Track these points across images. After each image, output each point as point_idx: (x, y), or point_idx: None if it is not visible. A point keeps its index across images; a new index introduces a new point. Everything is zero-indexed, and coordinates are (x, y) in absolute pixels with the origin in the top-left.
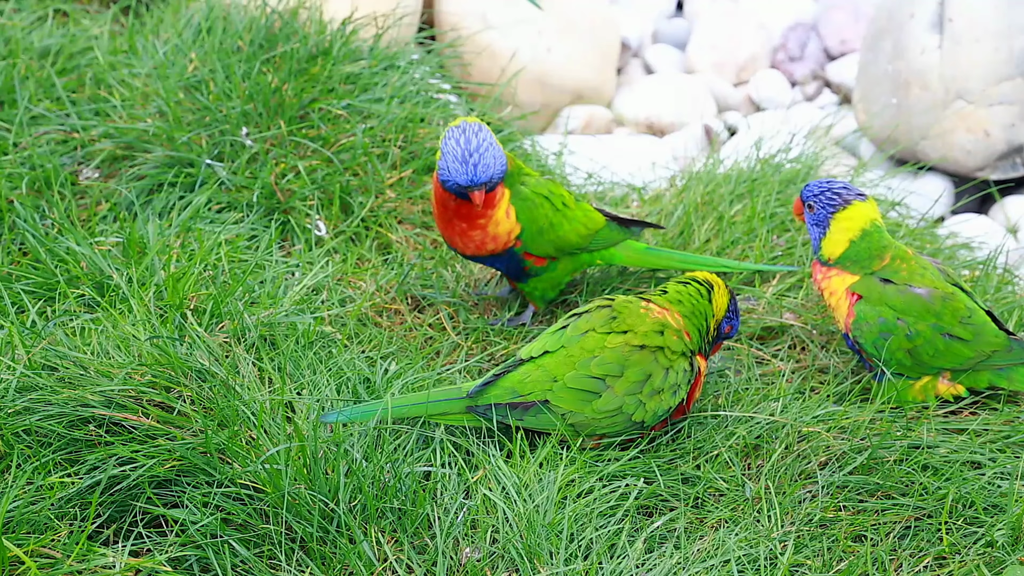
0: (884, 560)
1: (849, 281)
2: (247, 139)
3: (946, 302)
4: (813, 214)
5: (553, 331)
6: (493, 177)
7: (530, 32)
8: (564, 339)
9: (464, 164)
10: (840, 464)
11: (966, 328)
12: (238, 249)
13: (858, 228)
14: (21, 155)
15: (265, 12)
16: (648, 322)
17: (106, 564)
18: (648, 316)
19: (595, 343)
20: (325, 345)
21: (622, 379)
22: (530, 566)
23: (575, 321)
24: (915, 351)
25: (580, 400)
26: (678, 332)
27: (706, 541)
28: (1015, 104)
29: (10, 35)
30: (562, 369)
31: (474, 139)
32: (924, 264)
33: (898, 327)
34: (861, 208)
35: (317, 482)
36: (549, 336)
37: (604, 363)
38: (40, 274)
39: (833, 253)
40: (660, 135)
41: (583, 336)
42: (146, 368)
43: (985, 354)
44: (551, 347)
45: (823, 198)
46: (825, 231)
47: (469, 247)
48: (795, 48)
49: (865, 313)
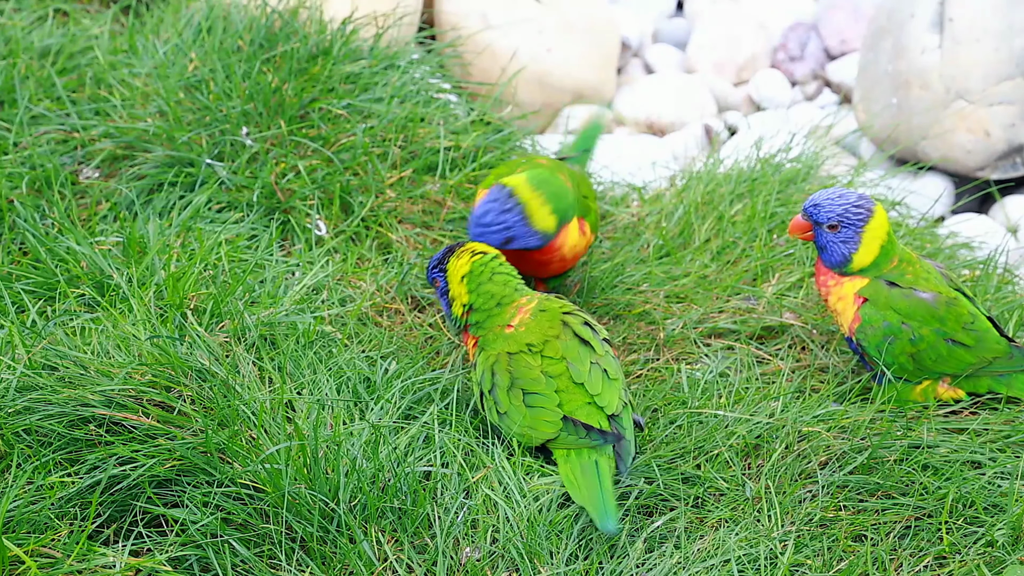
0: (884, 560)
1: (859, 285)
2: (247, 139)
3: (950, 307)
4: (838, 232)
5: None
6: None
7: (530, 32)
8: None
9: (471, 227)
10: (840, 464)
11: (969, 334)
12: (238, 249)
13: (885, 232)
14: (21, 155)
15: (265, 12)
16: (508, 335)
17: (106, 564)
18: (506, 333)
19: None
20: (325, 345)
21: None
22: (530, 566)
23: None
24: (918, 355)
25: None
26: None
27: (706, 541)
28: (1015, 104)
29: (10, 35)
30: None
31: (486, 211)
32: (928, 268)
33: (902, 331)
34: (881, 212)
35: (317, 482)
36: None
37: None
38: (40, 274)
39: (864, 262)
40: (660, 135)
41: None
42: (146, 368)
43: (986, 360)
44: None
45: (849, 215)
46: (857, 245)
47: (551, 271)
48: (795, 48)
49: (870, 316)
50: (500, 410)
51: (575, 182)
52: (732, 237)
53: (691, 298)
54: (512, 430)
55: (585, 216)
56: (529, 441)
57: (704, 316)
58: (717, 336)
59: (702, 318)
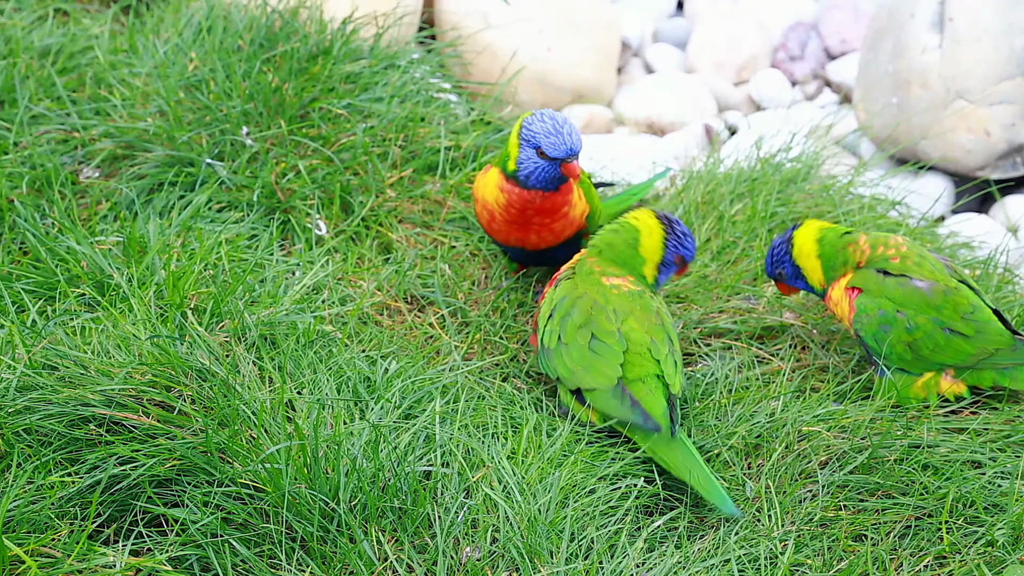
0: (884, 559)
1: (845, 280)
2: (247, 138)
3: (947, 296)
4: (788, 276)
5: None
6: (580, 149)
7: (530, 31)
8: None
9: (560, 136)
10: (840, 463)
11: (968, 324)
12: (238, 248)
13: (812, 243)
14: (21, 154)
15: (265, 11)
16: (605, 286)
17: (106, 563)
18: (604, 283)
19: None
20: (325, 344)
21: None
22: (530, 565)
23: (573, 315)
24: (915, 344)
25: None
26: (632, 282)
27: (706, 541)
28: (1015, 103)
29: (10, 34)
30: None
31: (558, 116)
32: (921, 253)
33: (898, 320)
34: (801, 233)
35: (317, 481)
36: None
37: (640, 341)
38: (40, 273)
39: (819, 277)
40: (660, 134)
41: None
42: (146, 367)
43: (988, 352)
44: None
45: (776, 255)
46: (800, 272)
47: (547, 239)
48: (795, 47)
49: (865, 305)
50: (563, 339)
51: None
52: (732, 237)
53: (691, 298)
54: (561, 362)
55: (578, 184)
56: (568, 379)
57: (704, 316)
58: (717, 336)
59: (702, 318)
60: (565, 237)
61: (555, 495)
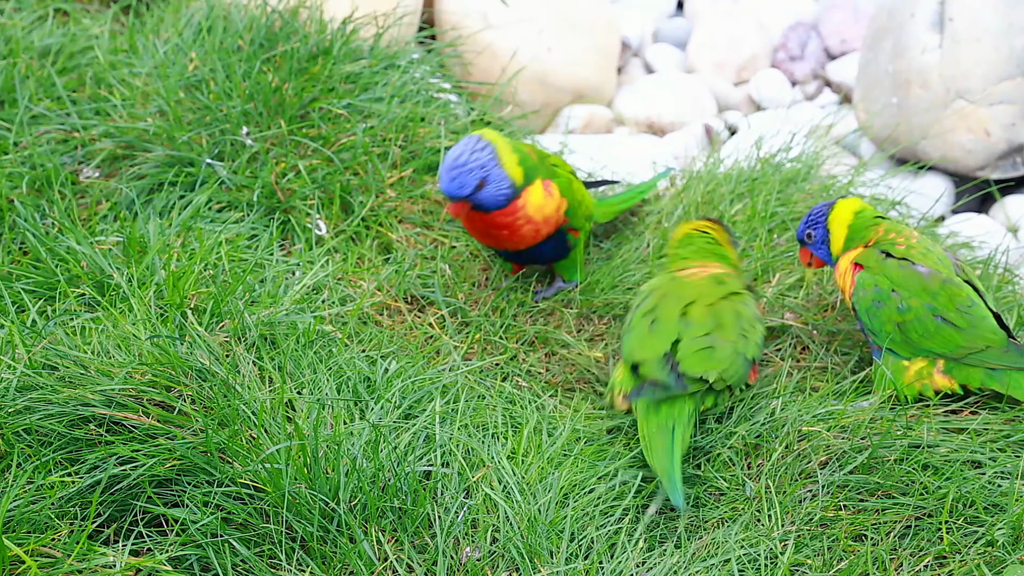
0: (884, 559)
1: (852, 255)
2: (247, 138)
3: (946, 285)
4: (815, 240)
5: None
6: (456, 193)
7: (530, 31)
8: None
9: (441, 173)
10: (840, 463)
11: (962, 316)
12: (238, 248)
13: (850, 213)
14: (21, 154)
15: (265, 11)
16: (704, 280)
17: (106, 563)
18: (697, 277)
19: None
20: (325, 344)
21: (722, 328)
22: (530, 565)
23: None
24: (904, 326)
25: (705, 359)
26: (728, 275)
27: (706, 540)
28: (1015, 103)
29: (10, 34)
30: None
31: (457, 151)
32: (928, 245)
33: (891, 298)
34: (845, 202)
35: (317, 481)
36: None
37: (701, 322)
38: (40, 273)
39: (838, 246)
40: (660, 134)
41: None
42: (146, 367)
43: (978, 347)
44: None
45: (814, 215)
46: (827, 237)
47: (523, 242)
48: (795, 47)
49: (864, 280)
50: (631, 325)
51: (542, 155)
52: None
53: None
54: (625, 344)
55: (552, 179)
56: (628, 356)
57: None
58: None
59: None
60: (544, 236)
61: (555, 495)
